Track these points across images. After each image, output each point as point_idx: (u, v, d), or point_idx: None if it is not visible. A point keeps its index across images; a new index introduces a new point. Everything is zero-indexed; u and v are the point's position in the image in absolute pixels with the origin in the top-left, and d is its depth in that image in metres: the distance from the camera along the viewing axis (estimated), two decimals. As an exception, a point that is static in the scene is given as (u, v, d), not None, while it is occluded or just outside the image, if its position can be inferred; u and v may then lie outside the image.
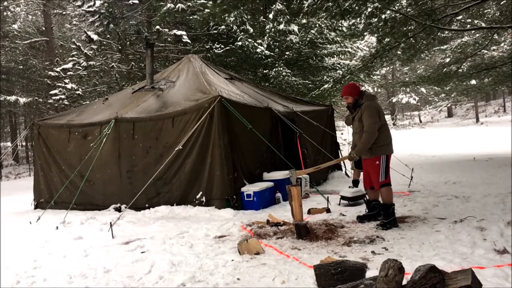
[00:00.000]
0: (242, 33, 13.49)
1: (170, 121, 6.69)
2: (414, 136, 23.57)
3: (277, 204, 6.61)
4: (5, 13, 19.82)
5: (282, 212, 5.82)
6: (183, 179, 6.52)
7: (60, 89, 15.96)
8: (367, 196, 5.39)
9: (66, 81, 15.93)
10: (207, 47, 14.18)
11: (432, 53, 15.38)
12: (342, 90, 5.02)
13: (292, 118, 7.94)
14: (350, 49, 15.57)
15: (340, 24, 13.54)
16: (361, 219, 5.05)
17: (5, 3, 19.38)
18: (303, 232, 4.39)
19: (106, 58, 15.67)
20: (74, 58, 15.54)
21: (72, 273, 3.73)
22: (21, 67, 20.85)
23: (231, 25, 13.61)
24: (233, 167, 6.40)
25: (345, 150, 10.41)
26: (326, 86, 14.13)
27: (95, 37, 14.11)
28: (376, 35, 9.80)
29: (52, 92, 16.26)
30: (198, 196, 6.41)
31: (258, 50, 13.36)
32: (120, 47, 14.80)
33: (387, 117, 32.87)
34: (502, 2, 10.41)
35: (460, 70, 12.36)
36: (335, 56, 15.40)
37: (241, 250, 4.00)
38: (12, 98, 18.17)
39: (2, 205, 8.25)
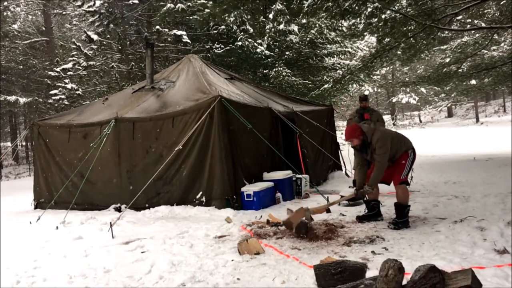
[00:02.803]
0: (242, 33, 13.49)
1: (170, 121, 6.68)
2: (414, 136, 23.36)
3: (277, 204, 6.60)
4: (5, 13, 19.80)
5: (282, 212, 5.81)
6: (183, 179, 6.51)
7: (60, 89, 15.95)
8: (366, 196, 5.38)
9: (66, 81, 15.92)
10: (207, 47, 14.18)
11: (432, 53, 15.39)
12: (345, 135, 4.99)
13: (292, 118, 7.93)
14: (350, 49, 15.56)
15: (340, 24, 13.55)
16: (360, 219, 5.05)
17: (5, 3, 19.37)
18: (302, 228, 4.44)
19: (106, 58, 15.67)
20: (74, 58, 15.55)
21: (72, 273, 3.73)
22: (21, 67, 20.84)
23: (231, 25, 13.61)
24: (233, 167, 6.40)
25: (345, 150, 10.39)
26: (326, 86, 14.13)
27: (95, 37, 14.12)
28: (376, 35, 9.81)
29: (52, 92, 16.24)
30: (198, 196, 6.41)
31: (258, 50, 13.36)
32: (120, 47, 14.81)
33: (387, 117, 32.87)
34: (502, 2, 10.42)
35: (460, 70, 12.36)
36: (335, 56, 15.40)
37: (241, 250, 4.00)
38: (12, 98, 18.17)
39: (2, 205, 8.25)
